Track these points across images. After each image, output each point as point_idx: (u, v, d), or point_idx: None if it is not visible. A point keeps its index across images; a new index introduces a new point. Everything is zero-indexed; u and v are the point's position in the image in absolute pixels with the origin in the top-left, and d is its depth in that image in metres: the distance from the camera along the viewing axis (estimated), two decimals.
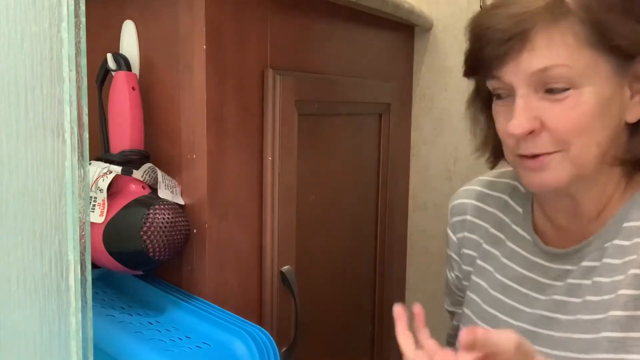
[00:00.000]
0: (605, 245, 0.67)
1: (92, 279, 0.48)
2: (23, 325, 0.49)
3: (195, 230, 0.77)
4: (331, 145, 1.04)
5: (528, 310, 0.72)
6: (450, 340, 0.94)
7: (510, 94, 0.65)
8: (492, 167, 0.79)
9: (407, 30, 1.38)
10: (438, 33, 1.39)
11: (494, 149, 0.76)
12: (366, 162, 1.19)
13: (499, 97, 0.67)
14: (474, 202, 0.83)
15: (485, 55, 0.64)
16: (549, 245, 0.73)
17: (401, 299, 1.48)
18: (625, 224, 0.66)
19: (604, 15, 0.60)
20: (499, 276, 0.76)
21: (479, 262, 0.80)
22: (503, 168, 0.84)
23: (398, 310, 0.64)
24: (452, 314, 0.92)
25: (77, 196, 0.45)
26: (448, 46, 1.38)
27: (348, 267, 1.14)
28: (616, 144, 0.65)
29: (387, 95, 1.23)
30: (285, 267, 0.87)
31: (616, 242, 0.66)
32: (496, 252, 0.78)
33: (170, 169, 0.79)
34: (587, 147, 0.63)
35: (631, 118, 0.65)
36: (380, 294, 1.26)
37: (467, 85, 1.36)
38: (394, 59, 1.31)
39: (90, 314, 0.47)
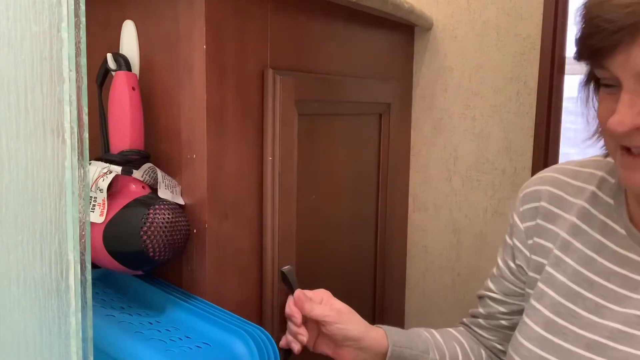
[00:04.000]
0: None
1: (92, 279, 0.48)
2: (23, 325, 0.49)
3: (195, 230, 0.77)
4: (331, 145, 1.04)
5: (617, 308, 0.68)
6: (467, 320, 0.92)
7: (617, 84, 0.62)
8: (607, 155, 0.75)
9: (407, 30, 1.38)
10: (438, 33, 1.39)
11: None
12: (366, 162, 1.19)
13: (606, 85, 0.64)
14: (550, 189, 0.79)
15: (592, 44, 0.61)
16: None
17: (401, 299, 1.48)
18: None
19: None
20: (583, 270, 0.72)
21: (556, 252, 0.76)
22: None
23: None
24: (485, 298, 0.89)
25: (77, 196, 0.45)
26: (448, 46, 1.38)
27: (348, 266, 1.14)
28: None
29: (387, 95, 1.23)
30: (286, 267, 0.87)
31: None
32: (579, 245, 0.74)
33: (170, 169, 0.79)
34: None
35: None
36: (380, 293, 1.26)
37: (467, 85, 1.36)
38: (394, 59, 1.31)
39: (90, 314, 0.47)
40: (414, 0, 1.30)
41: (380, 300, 1.26)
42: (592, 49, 0.61)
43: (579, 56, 0.66)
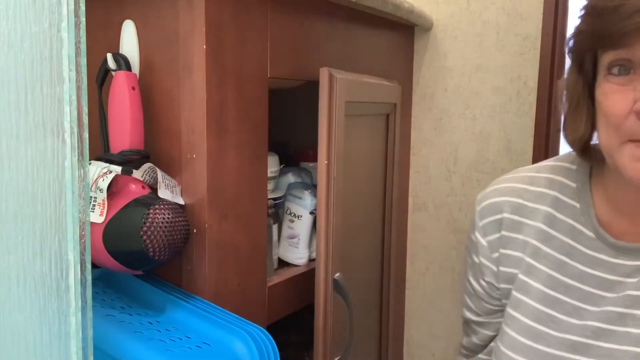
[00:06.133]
0: None
1: (92, 279, 0.48)
2: (23, 325, 0.49)
3: (195, 230, 0.77)
4: (351, 147, 1.02)
5: (594, 308, 0.69)
6: (466, 353, 0.89)
7: (628, 72, 0.61)
8: (584, 158, 0.74)
9: (407, 30, 1.38)
10: (438, 33, 1.39)
11: (588, 141, 0.70)
12: (376, 162, 1.18)
13: (612, 73, 0.62)
14: (510, 199, 0.78)
15: (626, 25, 0.58)
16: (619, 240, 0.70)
17: (401, 298, 1.48)
18: None
19: None
20: (556, 275, 0.73)
21: (528, 260, 0.75)
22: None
23: None
24: (470, 323, 0.86)
25: (77, 196, 0.45)
26: (448, 46, 1.38)
27: (363, 267, 1.13)
28: None
29: (394, 96, 1.22)
30: (337, 274, 0.86)
31: None
32: (549, 250, 0.74)
33: (170, 169, 0.79)
34: None
35: None
36: (386, 294, 1.26)
37: (467, 85, 1.36)
38: (394, 58, 1.31)
39: (90, 314, 0.47)
40: (414, 0, 1.30)
41: (387, 301, 1.26)
42: (618, 31, 0.59)
43: (590, 43, 0.64)
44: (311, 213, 1.01)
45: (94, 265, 0.74)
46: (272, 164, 0.97)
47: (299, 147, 1.23)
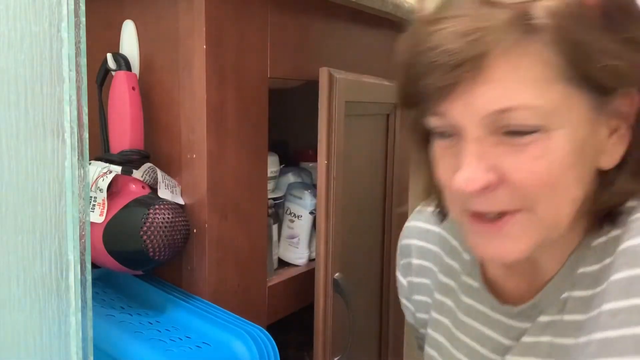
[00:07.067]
0: (563, 296, 0.55)
1: (92, 279, 0.48)
2: (23, 325, 0.49)
3: (195, 230, 0.77)
4: (347, 147, 1.02)
5: None
6: None
7: (456, 132, 0.50)
8: (442, 221, 0.64)
9: None
10: None
11: (441, 200, 0.60)
12: (375, 162, 1.18)
13: (441, 135, 0.52)
14: (416, 242, 0.71)
15: (423, 85, 0.48)
16: (506, 301, 0.60)
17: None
18: (581, 270, 0.54)
19: (583, 35, 0.45)
20: (458, 334, 0.64)
21: (433, 313, 0.68)
22: None
23: None
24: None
25: (77, 196, 0.45)
26: None
27: (363, 266, 1.13)
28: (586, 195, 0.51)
29: (394, 96, 1.22)
30: (337, 274, 0.86)
31: (575, 293, 0.54)
32: (451, 304, 0.66)
33: (170, 169, 0.79)
34: (559, 204, 0.49)
35: (606, 163, 0.51)
36: (386, 294, 1.26)
37: None
38: (394, 58, 1.31)
39: (90, 314, 0.47)
40: (414, 0, 1.30)
41: (387, 301, 1.26)
42: (422, 92, 0.49)
43: (405, 103, 0.55)
44: (311, 213, 1.01)
45: (94, 265, 0.74)
46: (272, 164, 0.97)
47: (299, 147, 1.24)
